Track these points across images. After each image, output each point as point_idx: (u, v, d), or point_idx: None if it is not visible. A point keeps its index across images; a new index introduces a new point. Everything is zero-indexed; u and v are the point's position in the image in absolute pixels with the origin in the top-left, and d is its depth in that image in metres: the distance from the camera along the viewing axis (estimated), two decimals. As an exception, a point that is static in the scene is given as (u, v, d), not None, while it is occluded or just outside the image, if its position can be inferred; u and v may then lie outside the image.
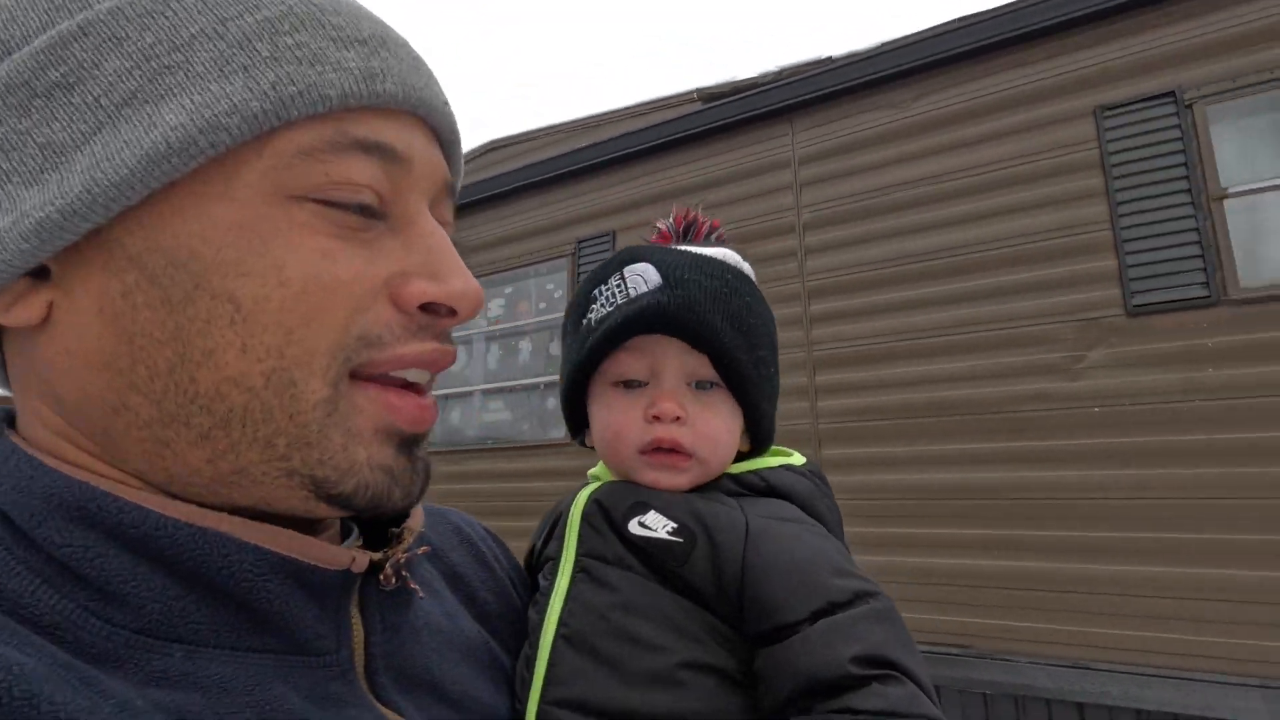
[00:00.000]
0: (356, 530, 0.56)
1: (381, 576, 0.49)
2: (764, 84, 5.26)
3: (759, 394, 0.71)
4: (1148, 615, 3.61)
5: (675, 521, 0.64)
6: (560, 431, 5.86)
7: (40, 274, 0.41)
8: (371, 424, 0.44)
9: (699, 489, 0.69)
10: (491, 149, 7.08)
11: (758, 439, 0.74)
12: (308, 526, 0.48)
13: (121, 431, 0.41)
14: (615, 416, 0.70)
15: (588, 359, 0.70)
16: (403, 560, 0.51)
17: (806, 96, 5.00)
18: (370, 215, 0.44)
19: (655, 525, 0.65)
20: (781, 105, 5.11)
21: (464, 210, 6.68)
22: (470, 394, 6.68)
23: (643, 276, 0.69)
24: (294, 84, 0.41)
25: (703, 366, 0.69)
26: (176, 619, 0.39)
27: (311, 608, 0.44)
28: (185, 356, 0.40)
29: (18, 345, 0.44)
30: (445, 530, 0.70)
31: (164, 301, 0.40)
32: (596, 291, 0.72)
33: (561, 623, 0.63)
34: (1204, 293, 3.71)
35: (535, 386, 6.26)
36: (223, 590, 0.41)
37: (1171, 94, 3.91)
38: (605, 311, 0.70)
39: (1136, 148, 3.97)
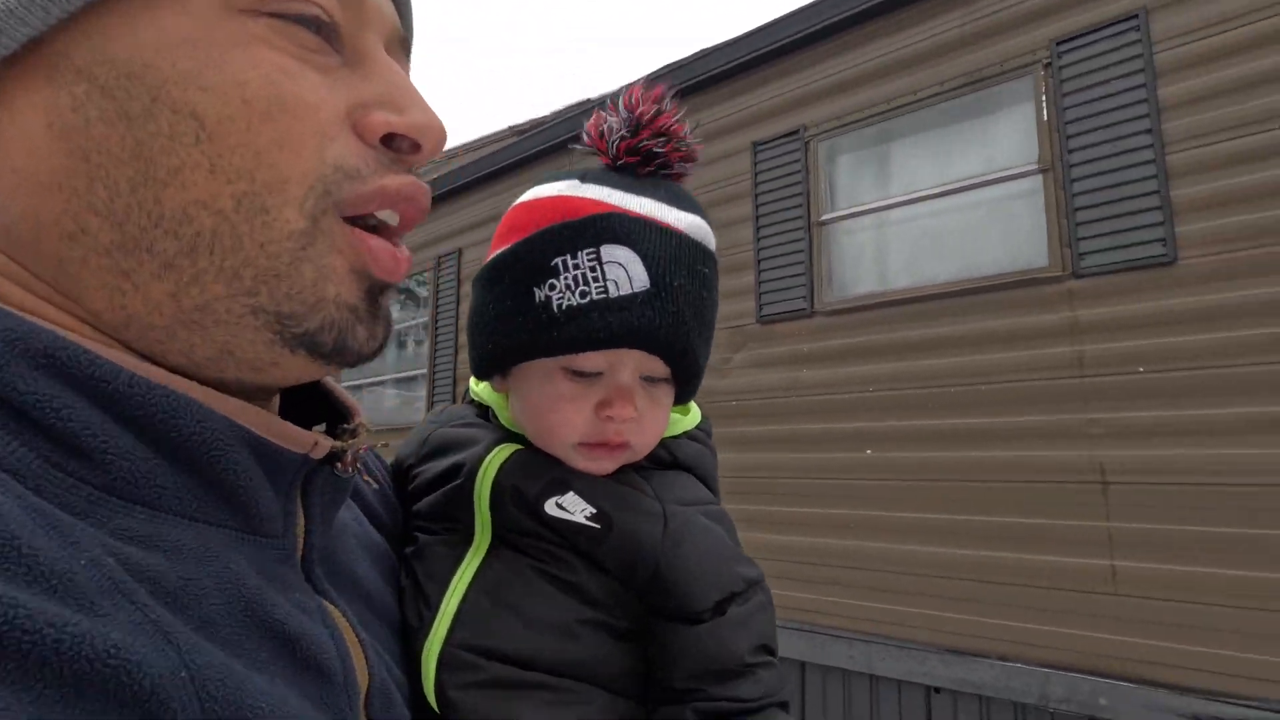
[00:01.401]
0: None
1: (340, 464, 0.48)
2: (548, 122, 6.13)
3: (700, 381, 0.70)
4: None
5: (594, 506, 0.64)
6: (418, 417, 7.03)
7: None
8: (346, 263, 0.42)
9: None
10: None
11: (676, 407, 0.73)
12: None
13: (79, 261, 0.38)
14: (561, 407, 0.65)
15: (545, 350, 0.64)
16: (362, 452, 0.50)
17: (576, 132, 5.83)
18: (325, 37, 0.41)
19: (573, 508, 0.64)
20: (563, 139, 5.96)
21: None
22: (358, 386, 8.01)
23: (625, 269, 0.61)
24: None
25: (660, 366, 0.66)
26: (141, 481, 0.36)
27: (268, 488, 0.42)
28: (148, 175, 0.37)
29: None
30: None
31: (121, 115, 0.37)
32: (559, 263, 0.62)
33: (476, 577, 0.64)
34: (804, 305, 4.36)
35: (414, 379, 7.49)
36: (189, 458, 0.38)
37: (797, 131, 4.53)
38: (576, 303, 0.61)
39: (774, 179, 4.62)
